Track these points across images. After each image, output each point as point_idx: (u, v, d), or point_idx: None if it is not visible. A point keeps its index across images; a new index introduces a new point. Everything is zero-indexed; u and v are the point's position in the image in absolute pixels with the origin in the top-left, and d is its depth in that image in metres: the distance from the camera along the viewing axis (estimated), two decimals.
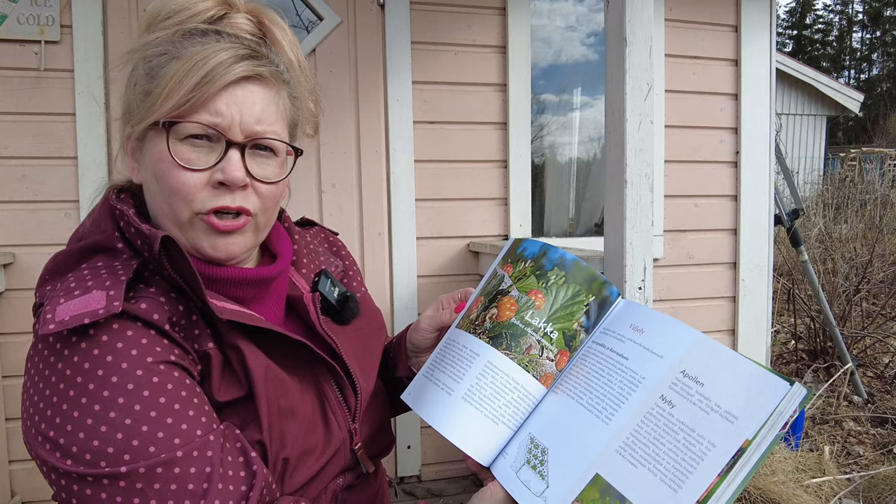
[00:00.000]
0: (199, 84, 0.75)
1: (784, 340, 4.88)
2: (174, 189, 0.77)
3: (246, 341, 0.79)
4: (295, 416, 0.81)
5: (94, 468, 0.66)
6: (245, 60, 0.78)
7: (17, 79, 2.30)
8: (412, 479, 2.72)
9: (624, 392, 0.75)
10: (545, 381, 0.83)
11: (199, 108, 0.76)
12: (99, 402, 0.67)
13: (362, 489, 0.96)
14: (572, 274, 0.87)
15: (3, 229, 2.32)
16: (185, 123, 0.76)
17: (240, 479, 0.71)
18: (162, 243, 0.73)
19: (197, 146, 0.77)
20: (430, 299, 2.72)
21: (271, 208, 0.84)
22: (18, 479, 2.35)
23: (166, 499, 0.66)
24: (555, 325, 0.85)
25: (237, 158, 0.78)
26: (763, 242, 3.02)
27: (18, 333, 2.31)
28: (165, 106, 0.75)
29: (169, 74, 0.75)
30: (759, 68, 2.98)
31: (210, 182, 0.77)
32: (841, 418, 3.48)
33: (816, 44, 36.86)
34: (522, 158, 2.77)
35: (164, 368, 0.71)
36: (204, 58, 0.75)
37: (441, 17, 2.66)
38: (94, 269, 0.75)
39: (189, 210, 0.78)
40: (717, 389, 0.70)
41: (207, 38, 0.79)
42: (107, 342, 0.69)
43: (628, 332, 0.81)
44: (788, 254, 5.33)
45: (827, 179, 10.42)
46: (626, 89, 1.57)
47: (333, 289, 0.96)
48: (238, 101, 0.77)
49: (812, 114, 13.24)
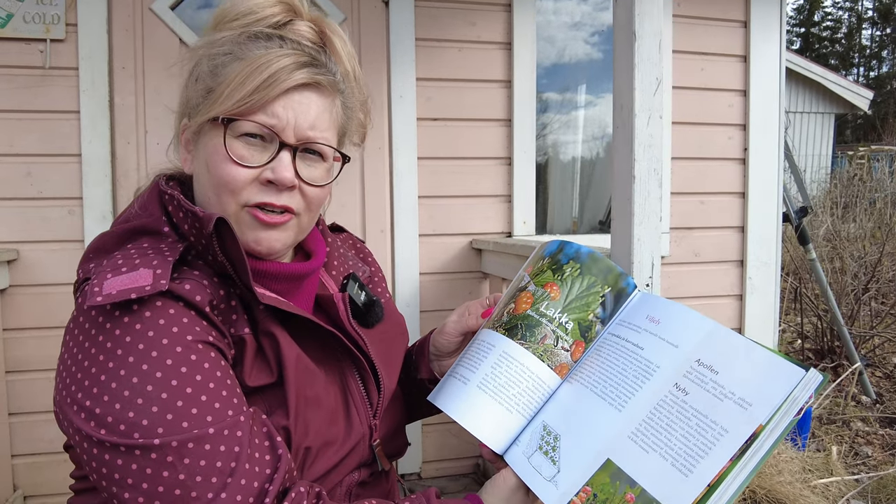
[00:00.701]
0: (261, 87, 0.78)
1: (790, 339, 4.85)
2: (224, 181, 0.81)
3: (280, 329, 0.82)
4: (320, 406, 0.84)
5: (128, 439, 0.68)
6: (305, 68, 0.82)
7: (23, 77, 2.30)
8: (413, 477, 2.72)
9: (638, 380, 0.76)
10: (560, 370, 0.85)
11: (257, 109, 0.80)
12: (137, 374, 0.69)
13: (375, 486, 0.98)
14: (587, 266, 0.89)
15: (7, 226, 2.32)
16: (242, 122, 0.80)
17: (265, 462, 0.73)
18: (214, 226, 0.76)
19: (251, 144, 0.81)
20: (432, 297, 2.71)
21: (315, 210, 0.89)
22: (21, 474, 2.35)
23: (195, 473, 0.68)
24: (570, 315, 0.87)
25: (288, 160, 0.82)
26: (771, 240, 2.99)
27: (22, 329, 2.31)
28: (227, 104, 0.79)
29: (232, 74, 0.80)
30: (768, 64, 2.95)
31: (259, 179, 0.81)
32: (849, 418, 3.45)
33: (825, 41, 36.65)
34: (526, 155, 2.75)
35: (201, 348, 0.74)
36: (267, 62, 0.79)
37: (445, 13, 2.65)
38: (141, 250, 0.79)
39: (235, 203, 0.82)
40: (732, 377, 0.71)
41: (271, 42, 0.83)
42: (149, 318, 0.72)
43: (644, 322, 0.82)
44: (796, 252, 5.29)
45: (835, 178, 10.36)
46: (635, 84, 1.55)
47: (361, 292, 1.00)
48: (294, 106, 0.81)
49: (820, 111, 13.17)
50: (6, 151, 2.30)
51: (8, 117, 2.30)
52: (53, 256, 2.34)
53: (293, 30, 0.86)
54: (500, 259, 2.52)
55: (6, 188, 2.31)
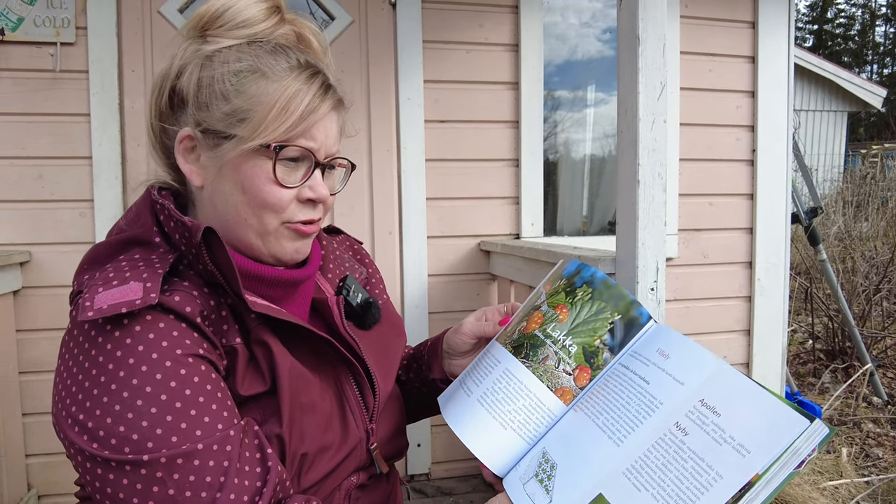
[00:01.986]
0: (303, 115, 0.82)
1: (801, 340, 4.82)
2: (268, 203, 0.83)
3: (273, 337, 0.82)
4: (315, 412, 0.84)
5: (119, 454, 0.69)
6: (330, 91, 0.86)
7: (34, 80, 2.33)
8: (422, 478, 2.72)
9: (640, 415, 0.75)
10: (561, 394, 0.84)
11: (300, 135, 0.83)
12: (128, 389, 0.70)
13: (375, 489, 0.98)
14: (599, 291, 0.89)
15: (20, 228, 2.35)
16: (290, 147, 0.83)
17: (255, 475, 0.73)
18: (203, 235, 0.76)
19: (289, 166, 0.84)
20: (440, 298, 2.72)
21: (326, 215, 0.94)
22: (35, 473, 2.38)
23: (184, 489, 0.69)
24: (575, 338, 0.87)
25: (320, 177, 0.87)
26: (780, 241, 2.98)
27: (35, 330, 2.34)
28: (276, 132, 0.81)
29: (266, 97, 0.81)
30: (776, 65, 2.93)
31: (298, 197, 0.86)
32: (860, 420, 3.43)
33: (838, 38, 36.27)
34: (534, 157, 2.76)
35: (191, 361, 0.74)
36: (299, 87, 0.82)
37: (453, 15, 2.65)
38: (132, 261, 0.79)
39: (277, 220, 0.85)
40: (733, 421, 0.69)
41: (289, 57, 0.85)
42: (139, 332, 0.72)
43: (654, 356, 0.81)
44: (806, 252, 5.26)
45: (847, 176, 10.26)
46: (639, 88, 1.55)
47: (357, 294, 1.00)
48: (327, 128, 0.86)
49: (832, 110, 13.06)
50: (18, 154, 2.33)
51: (19, 120, 2.33)
52: (65, 258, 2.37)
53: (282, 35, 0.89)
54: (509, 261, 2.52)
55: (18, 190, 2.34)
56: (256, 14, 0.86)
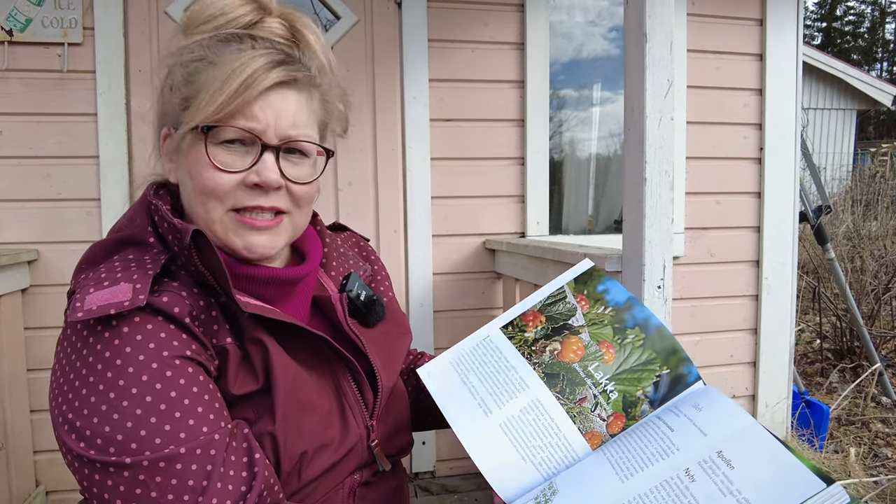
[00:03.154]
0: (238, 91, 0.78)
1: (809, 339, 4.80)
2: (209, 189, 0.80)
3: (268, 336, 0.81)
4: (313, 410, 0.83)
5: (104, 454, 0.69)
6: (281, 66, 0.81)
7: (41, 80, 2.34)
8: (426, 475, 2.73)
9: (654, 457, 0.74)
10: (590, 438, 0.80)
11: (236, 114, 0.79)
12: (114, 390, 0.70)
13: (380, 486, 0.97)
14: (652, 340, 0.84)
15: (28, 227, 2.37)
16: (223, 128, 0.79)
17: (241, 480, 0.73)
18: (192, 237, 0.76)
19: (232, 149, 0.81)
20: (445, 297, 2.72)
21: (305, 208, 0.88)
22: (43, 469, 2.40)
23: (166, 492, 0.69)
24: (617, 385, 0.83)
25: (272, 161, 0.81)
26: (787, 240, 2.96)
27: (43, 328, 2.35)
28: (206, 111, 0.78)
29: (209, 81, 0.79)
30: (784, 63, 2.92)
31: (245, 183, 0.81)
32: (868, 419, 3.41)
33: (847, 36, 36.05)
34: (540, 155, 2.75)
35: (178, 363, 0.74)
36: (241, 64, 0.78)
37: (458, 14, 2.65)
38: (125, 262, 0.79)
39: (222, 208, 0.81)
40: (746, 475, 0.67)
41: (243, 43, 0.82)
42: (127, 333, 0.72)
43: (687, 408, 0.79)
44: (814, 251, 5.23)
45: (856, 175, 10.20)
46: (646, 86, 1.54)
47: (361, 292, 0.98)
48: (274, 106, 0.81)
49: (841, 108, 12.97)
50: (26, 154, 2.35)
51: (27, 120, 2.34)
52: (73, 257, 2.37)
53: (264, 28, 0.86)
54: (514, 259, 2.52)
55: (26, 190, 2.36)
56: (226, 7, 0.84)
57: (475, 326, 0.98)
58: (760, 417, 2.98)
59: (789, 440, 2.98)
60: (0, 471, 2.14)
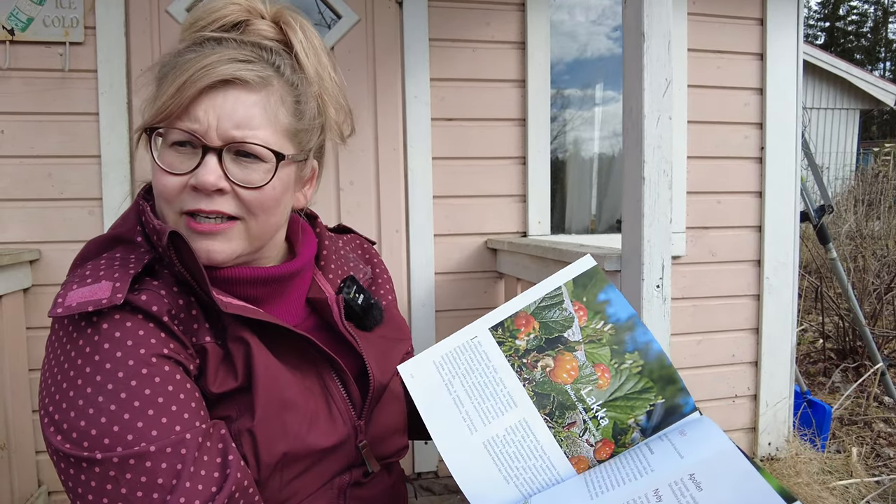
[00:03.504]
0: (178, 91, 0.76)
1: (812, 339, 4.79)
2: (159, 191, 0.80)
3: (250, 334, 0.81)
4: (296, 409, 0.83)
5: (78, 449, 0.70)
6: (231, 63, 0.77)
7: (43, 80, 2.35)
8: (429, 475, 2.73)
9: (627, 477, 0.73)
10: (577, 462, 0.78)
11: (180, 115, 0.77)
12: (91, 385, 0.72)
13: (373, 487, 0.96)
14: (651, 367, 0.80)
15: (30, 227, 2.37)
16: (166, 130, 0.78)
17: (212, 480, 0.73)
18: (170, 237, 0.76)
19: (180, 151, 0.79)
20: (447, 296, 2.72)
21: (262, 214, 0.83)
22: (45, 469, 2.40)
23: (136, 489, 0.69)
24: (609, 412, 0.79)
25: (214, 163, 0.78)
26: (788, 239, 2.96)
27: (45, 328, 2.36)
28: (150, 113, 0.78)
29: (165, 84, 0.78)
30: (785, 62, 2.92)
31: (189, 185, 0.79)
32: (871, 419, 3.41)
33: (850, 35, 35.96)
34: (541, 154, 2.75)
35: (155, 361, 0.74)
36: (191, 65, 0.76)
37: (459, 13, 2.65)
38: (111, 260, 0.80)
39: (172, 211, 0.80)
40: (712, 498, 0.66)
41: (206, 45, 0.80)
42: (106, 330, 0.74)
43: (673, 433, 0.78)
44: (816, 251, 5.22)
45: (859, 175, 10.18)
46: (644, 85, 1.55)
47: (358, 295, 0.97)
48: (216, 107, 0.77)
49: (844, 108, 12.95)
50: (28, 153, 2.35)
51: (29, 119, 2.34)
52: (74, 256, 2.38)
53: (251, 30, 0.84)
54: (515, 259, 2.52)
55: (28, 189, 2.36)
56: (212, 9, 0.83)
57: None
58: (762, 417, 2.98)
59: (791, 440, 2.98)
60: (2, 471, 2.15)
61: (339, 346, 0.93)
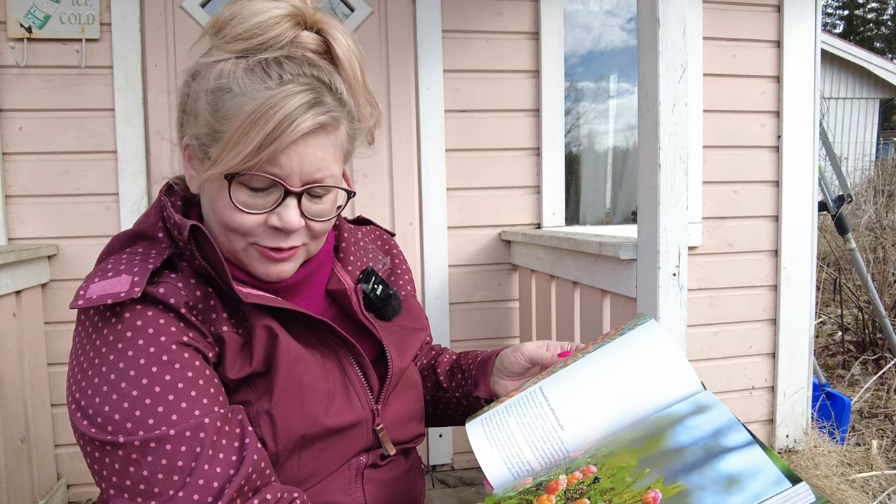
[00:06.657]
0: (266, 141, 0.76)
1: (831, 332, 4.73)
2: (231, 227, 0.82)
3: (271, 320, 0.85)
4: (315, 391, 0.86)
5: (103, 433, 0.74)
6: (311, 110, 0.77)
7: (60, 76, 2.37)
8: (445, 468, 2.73)
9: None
10: None
11: (264, 162, 0.78)
12: (115, 372, 0.75)
13: (390, 470, 0.98)
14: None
15: (48, 222, 2.40)
16: (248, 176, 0.79)
17: (230, 462, 0.76)
18: (191, 231, 0.80)
19: (255, 191, 0.81)
20: (461, 288, 2.71)
21: (321, 237, 0.90)
22: (64, 463, 2.44)
23: (156, 471, 0.73)
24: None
25: (294, 205, 0.81)
26: (806, 229, 2.92)
27: (63, 322, 2.39)
28: (231, 161, 0.77)
29: (236, 121, 0.76)
30: (802, 50, 2.87)
31: (266, 223, 0.82)
32: (891, 412, 3.36)
33: (870, 23, 35.38)
34: (555, 145, 2.74)
35: (175, 348, 0.78)
36: (271, 107, 0.75)
37: (472, 4, 2.64)
38: (132, 255, 0.84)
39: (244, 241, 0.84)
40: None
41: (271, 74, 0.78)
42: (128, 319, 0.77)
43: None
44: (835, 242, 5.15)
45: (879, 165, 10.02)
46: (660, 71, 1.53)
47: (377, 286, 1.00)
48: (300, 153, 0.79)
49: (864, 97, 12.76)
50: (45, 149, 2.38)
51: (46, 116, 2.37)
52: (92, 251, 2.41)
53: (297, 44, 0.82)
54: (530, 250, 2.51)
55: (46, 185, 2.39)
56: (258, 24, 0.79)
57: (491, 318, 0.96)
58: (779, 408, 2.95)
59: (809, 432, 2.95)
60: (22, 464, 2.18)
61: (358, 333, 0.96)
